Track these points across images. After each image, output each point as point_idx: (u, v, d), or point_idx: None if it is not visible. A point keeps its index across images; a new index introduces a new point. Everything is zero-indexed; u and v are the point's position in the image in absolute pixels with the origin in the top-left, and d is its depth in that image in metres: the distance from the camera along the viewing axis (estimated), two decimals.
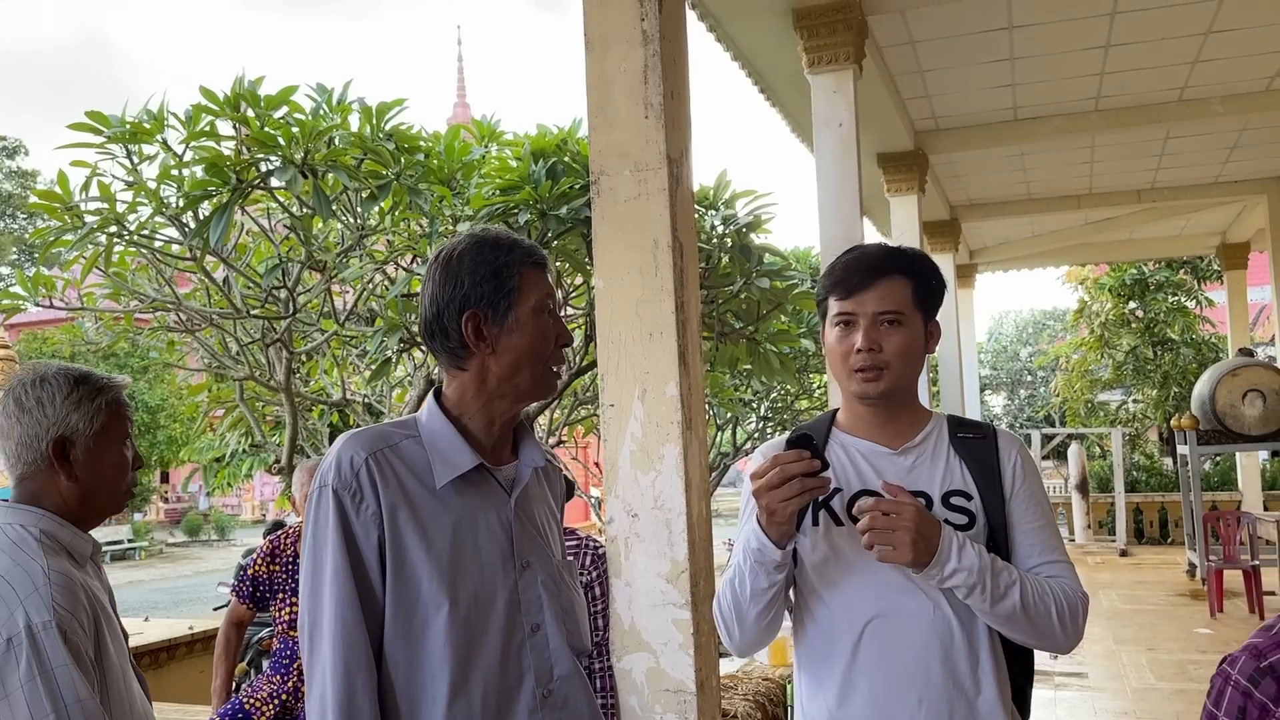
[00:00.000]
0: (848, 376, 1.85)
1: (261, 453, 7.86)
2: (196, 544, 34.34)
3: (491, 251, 1.69)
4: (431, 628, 1.60)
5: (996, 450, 1.88)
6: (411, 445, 1.67)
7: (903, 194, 8.17)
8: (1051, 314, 34.91)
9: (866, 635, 1.78)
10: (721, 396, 8.32)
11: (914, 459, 1.87)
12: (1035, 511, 1.86)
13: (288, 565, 3.67)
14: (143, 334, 6.43)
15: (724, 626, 1.88)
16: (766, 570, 1.75)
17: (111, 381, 1.91)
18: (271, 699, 3.53)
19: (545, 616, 1.71)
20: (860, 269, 1.85)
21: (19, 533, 1.76)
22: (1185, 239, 13.35)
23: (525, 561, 1.71)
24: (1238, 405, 9.82)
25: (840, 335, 1.85)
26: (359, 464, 1.61)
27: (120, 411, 1.90)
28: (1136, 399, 19.41)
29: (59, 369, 1.86)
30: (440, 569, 1.61)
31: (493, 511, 1.70)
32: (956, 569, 1.69)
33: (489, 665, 1.63)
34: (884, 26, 6.17)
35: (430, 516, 1.63)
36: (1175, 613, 9.17)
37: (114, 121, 4.43)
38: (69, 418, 1.81)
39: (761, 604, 1.79)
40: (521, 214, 4.73)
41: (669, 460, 2.96)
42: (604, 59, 3.05)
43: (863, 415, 1.91)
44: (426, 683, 1.59)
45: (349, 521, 1.59)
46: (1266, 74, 7.32)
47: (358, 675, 1.55)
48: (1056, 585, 1.79)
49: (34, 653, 1.59)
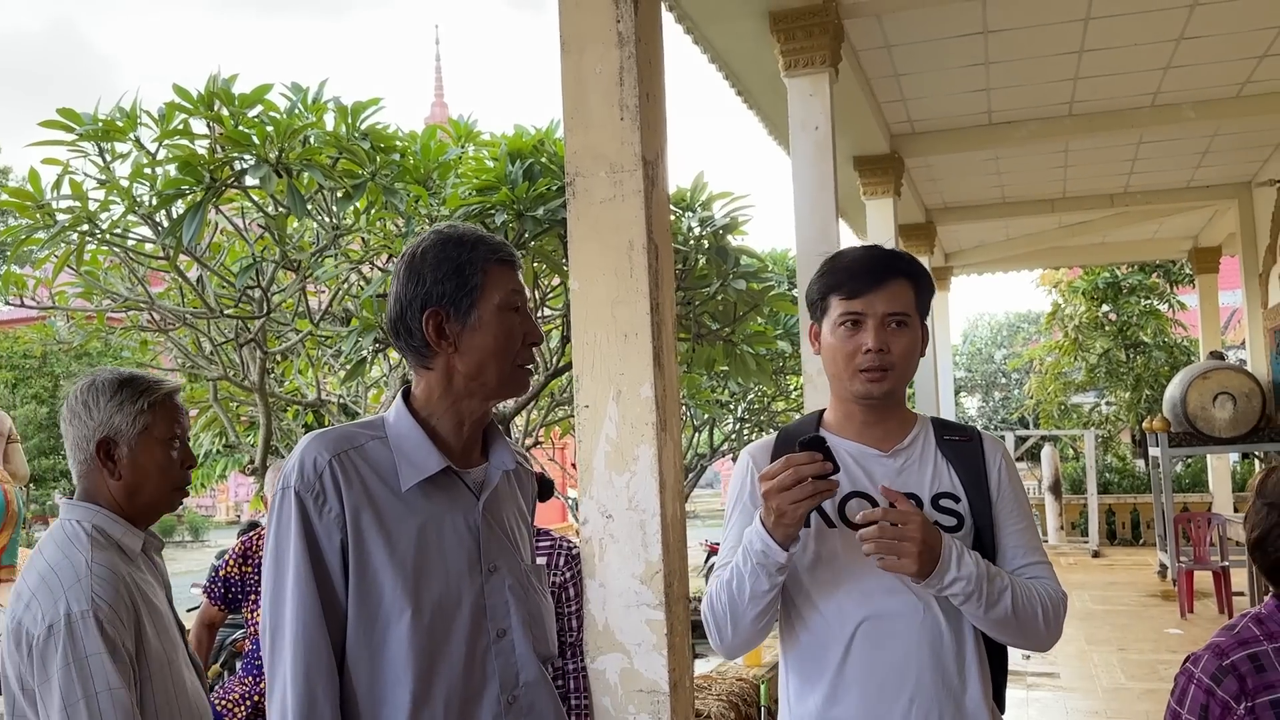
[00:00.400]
0: (851, 376, 1.86)
1: (236, 453, 7.81)
2: (170, 545, 34.05)
3: (455, 249, 1.67)
4: (394, 633, 1.58)
5: (982, 453, 1.91)
6: (377, 446, 1.66)
7: (878, 197, 8.20)
8: (1025, 317, 35.14)
9: (858, 637, 1.79)
10: (698, 398, 8.33)
11: (903, 461, 1.89)
12: (1019, 514, 1.90)
13: (260, 566, 3.65)
14: (115, 333, 6.37)
15: (716, 628, 1.87)
16: (768, 572, 1.74)
17: (158, 384, 2.00)
18: (244, 700, 3.51)
19: (512, 622, 1.69)
20: (869, 270, 1.86)
21: (73, 528, 1.89)
22: (1157, 243, 13.48)
23: (492, 566, 1.69)
24: (1209, 408, 9.93)
25: (847, 335, 1.86)
26: (322, 465, 1.60)
27: (166, 412, 1.99)
28: (1109, 401, 19.58)
29: (110, 374, 2.01)
30: (403, 573, 1.59)
31: (460, 514, 1.68)
32: (956, 578, 1.71)
33: (453, 671, 1.61)
34: (860, 30, 6.19)
35: (394, 519, 1.61)
36: (1146, 613, 9.26)
37: (86, 119, 4.39)
38: (112, 419, 1.94)
39: (760, 606, 1.79)
40: (498, 214, 4.73)
41: (643, 461, 2.96)
42: (579, 60, 3.06)
43: (854, 416, 1.92)
44: (389, 688, 1.57)
45: (311, 524, 1.58)
46: (1237, 80, 7.40)
47: (318, 679, 1.53)
48: (1040, 587, 1.83)
49: (70, 640, 1.69)
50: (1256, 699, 1.74)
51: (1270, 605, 1.85)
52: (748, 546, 1.76)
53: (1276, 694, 1.74)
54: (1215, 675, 1.79)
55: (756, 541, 1.74)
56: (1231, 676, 1.77)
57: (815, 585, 1.85)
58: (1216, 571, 8.95)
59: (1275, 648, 1.79)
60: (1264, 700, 1.74)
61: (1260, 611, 1.86)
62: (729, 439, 9.62)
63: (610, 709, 2.93)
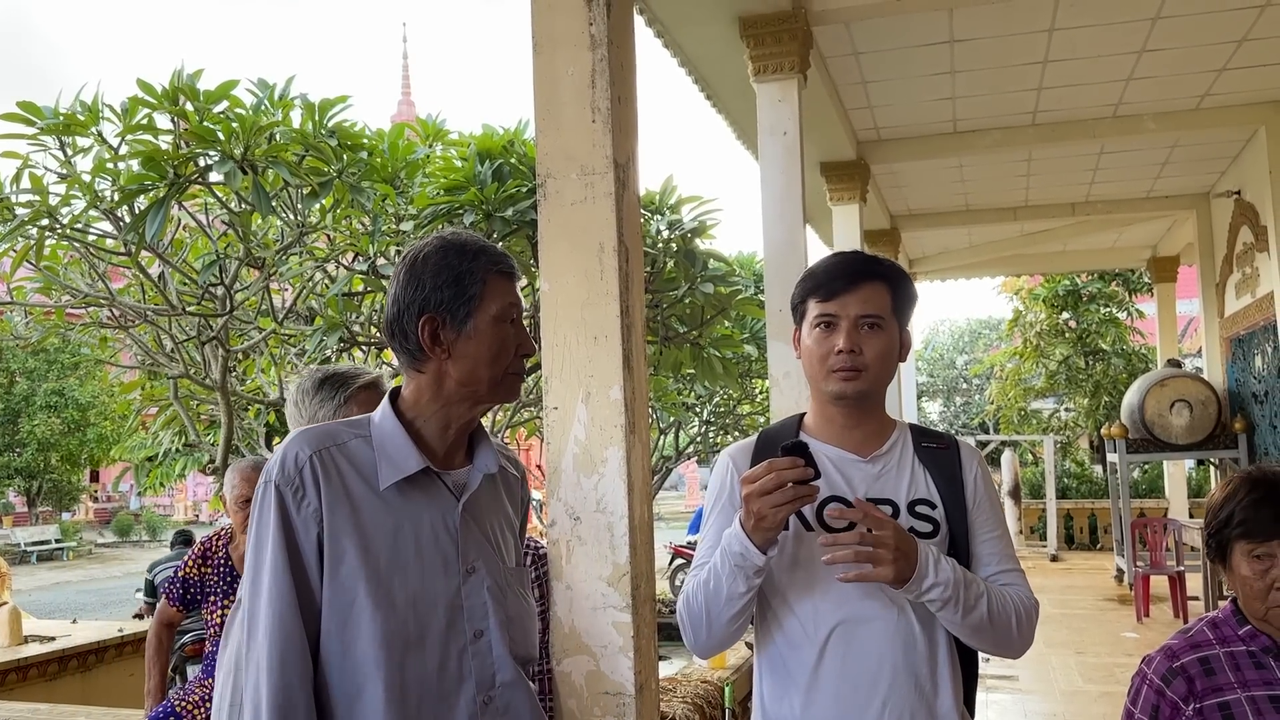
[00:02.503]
0: (825, 376, 1.87)
1: (195, 452, 7.72)
2: (127, 544, 33.57)
3: (456, 257, 1.69)
4: (364, 629, 1.59)
5: (959, 461, 1.93)
6: (360, 445, 1.68)
7: (845, 203, 8.26)
8: (987, 323, 35.51)
9: (832, 640, 1.80)
10: (665, 400, 8.34)
11: (881, 467, 1.90)
12: (994, 521, 1.92)
13: (219, 567, 3.61)
14: (74, 329, 6.29)
15: (691, 628, 1.87)
16: (746, 575, 1.75)
17: (355, 377, 2.20)
18: (204, 702, 3.47)
19: (490, 623, 1.70)
20: (844, 273, 1.88)
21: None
22: (1117, 252, 13.67)
23: (470, 567, 1.70)
24: (1165, 415, 10.09)
25: (821, 336, 1.87)
26: (303, 461, 1.62)
27: (362, 403, 2.15)
28: (1068, 407, 19.83)
29: (315, 371, 2.24)
30: (376, 571, 1.61)
31: (439, 515, 1.69)
32: (934, 583, 1.72)
33: (425, 668, 1.62)
34: (829, 37, 6.24)
35: (370, 517, 1.63)
36: (1104, 617, 9.39)
37: (47, 113, 4.33)
38: (316, 415, 2.18)
39: (736, 608, 1.79)
40: (467, 215, 4.71)
41: (612, 463, 2.96)
42: (552, 61, 3.05)
43: (833, 419, 1.92)
44: (362, 681, 1.59)
45: (289, 518, 1.60)
46: (1197, 93, 7.53)
47: (293, 668, 1.55)
48: (1013, 594, 1.85)
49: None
50: (1204, 701, 1.77)
51: (1226, 610, 1.88)
52: (726, 548, 1.76)
53: (1225, 697, 1.77)
54: (1165, 676, 1.83)
55: (735, 544, 1.74)
56: (1180, 678, 1.81)
57: (791, 588, 1.85)
58: (1172, 576, 9.09)
59: (1227, 652, 1.82)
60: (1211, 703, 1.77)
61: (1217, 615, 1.89)
62: (695, 442, 9.65)
63: (576, 711, 2.92)
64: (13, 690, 5.55)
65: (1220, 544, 1.83)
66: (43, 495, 32.24)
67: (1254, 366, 9.39)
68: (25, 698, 5.45)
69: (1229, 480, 1.88)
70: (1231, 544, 1.81)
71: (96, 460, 30.66)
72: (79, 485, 33.86)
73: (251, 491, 3.58)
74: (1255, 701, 1.75)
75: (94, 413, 28.09)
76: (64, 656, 5.94)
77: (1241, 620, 1.84)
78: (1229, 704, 1.76)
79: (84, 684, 6.02)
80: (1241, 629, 1.83)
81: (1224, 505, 1.83)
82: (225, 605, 3.54)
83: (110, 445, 21.66)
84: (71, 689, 5.90)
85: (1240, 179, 9.18)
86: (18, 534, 29.46)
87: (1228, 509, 1.82)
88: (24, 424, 28.12)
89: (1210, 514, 1.88)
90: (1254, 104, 7.83)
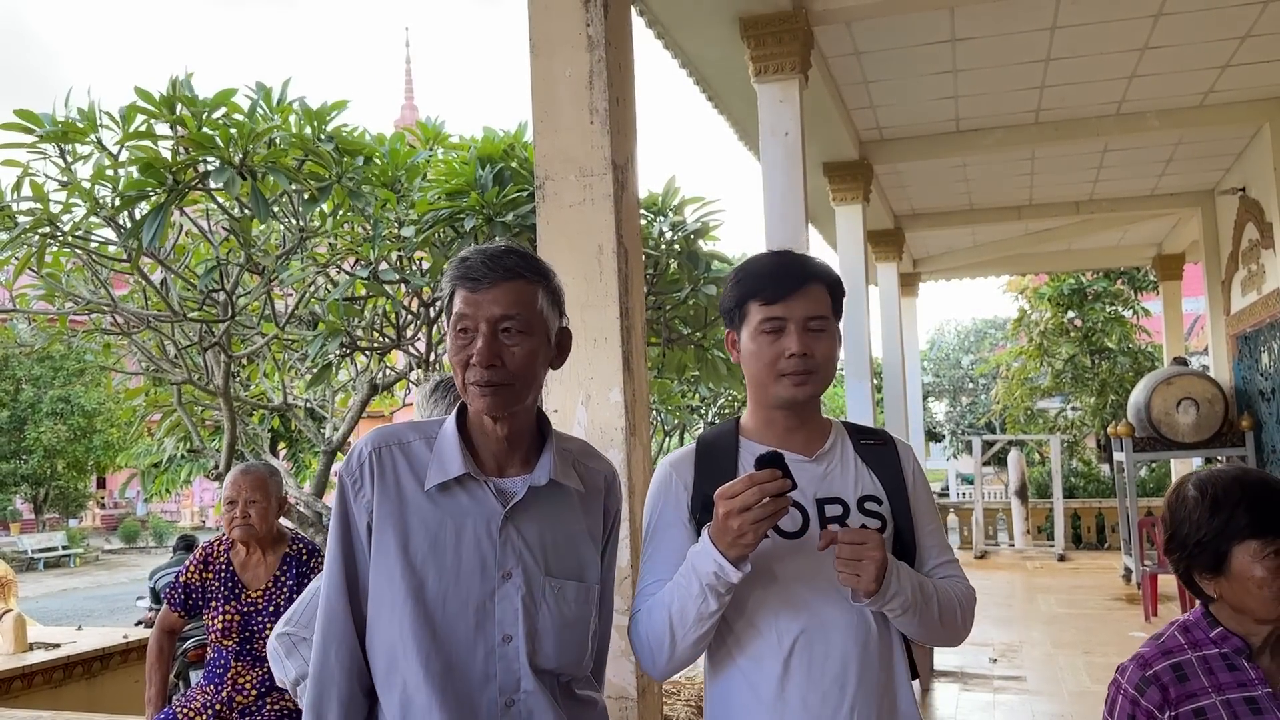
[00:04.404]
0: (774, 381, 1.83)
1: (200, 458, 7.73)
2: (133, 550, 33.66)
3: (450, 269, 1.77)
4: (400, 616, 1.68)
5: (898, 457, 1.93)
6: (421, 446, 1.78)
7: (848, 203, 8.24)
8: (992, 323, 35.48)
9: (796, 650, 1.76)
10: (669, 403, 8.34)
11: (826, 466, 1.88)
12: (931, 515, 1.94)
13: (220, 573, 3.60)
14: (78, 336, 6.30)
15: (650, 651, 1.80)
16: (717, 594, 1.69)
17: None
18: (205, 709, 3.45)
19: (518, 630, 1.72)
20: (790, 275, 1.84)
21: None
22: (1122, 250, 13.64)
23: (506, 572, 1.72)
24: (1172, 413, 10.05)
25: (769, 341, 1.83)
26: (364, 456, 1.75)
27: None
28: (1075, 406, 19.80)
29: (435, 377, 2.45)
30: (411, 564, 1.69)
31: (483, 520, 1.73)
32: (898, 592, 1.71)
33: (452, 662, 1.69)
34: (829, 37, 6.23)
35: (415, 514, 1.72)
36: (1111, 617, 9.34)
37: (46, 120, 4.33)
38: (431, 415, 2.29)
39: (704, 628, 1.73)
40: (468, 219, 4.70)
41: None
42: (549, 63, 3.04)
43: (775, 422, 1.89)
44: (396, 664, 1.69)
45: (348, 506, 1.74)
46: (1200, 90, 7.51)
47: (331, 645, 1.72)
48: (954, 587, 1.86)
49: None
50: (1179, 708, 1.75)
51: (1197, 613, 1.85)
52: (695, 568, 1.70)
53: (1200, 703, 1.74)
54: (1139, 685, 1.80)
55: (707, 563, 1.68)
56: (1154, 687, 1.78)
57: (750, 601, 1.80)
58: None
59: (1200, 656, 1.79)
60: (1187, 709, 1.74)
61: (1188, 619, 1.86)
62: None
63: None
64: (18, 698, 5.55)
65: (1215, 552, 1.78)
66: (49, 502, 32.34)
67: (1261, 364, 9.35)
68: (30, 705, 5.46)
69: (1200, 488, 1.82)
70: (1232, 549, 1.76)
71: (103, 467, 30.73)
72: (85, 492, 33.95)
73: (235, 493, 3.62)
74: (1231, 705, 1.72)
75: (100, 419, 28.15)
76: (69, 664, 5.94)
77: (1213, 623, 1.81)
78: (1204, 709, 1.73)
79: (89, 691, 6.02)
80: (1213, 631, 1.80)
81: (1217, 512, 1.78)
82: (226, 610, 3.53)
83: (116, 452, 21.68)
84: (76, 696, 5.90)
85: (1245, 176, 9.15)
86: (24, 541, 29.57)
87: (1223, 514, 1.77)
88: (30, 431, 28.20)
89: (1193, 525, 1.81)
90: (1258, 100, 7.80)
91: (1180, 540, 1.83)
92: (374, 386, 6.10)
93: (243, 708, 3.47)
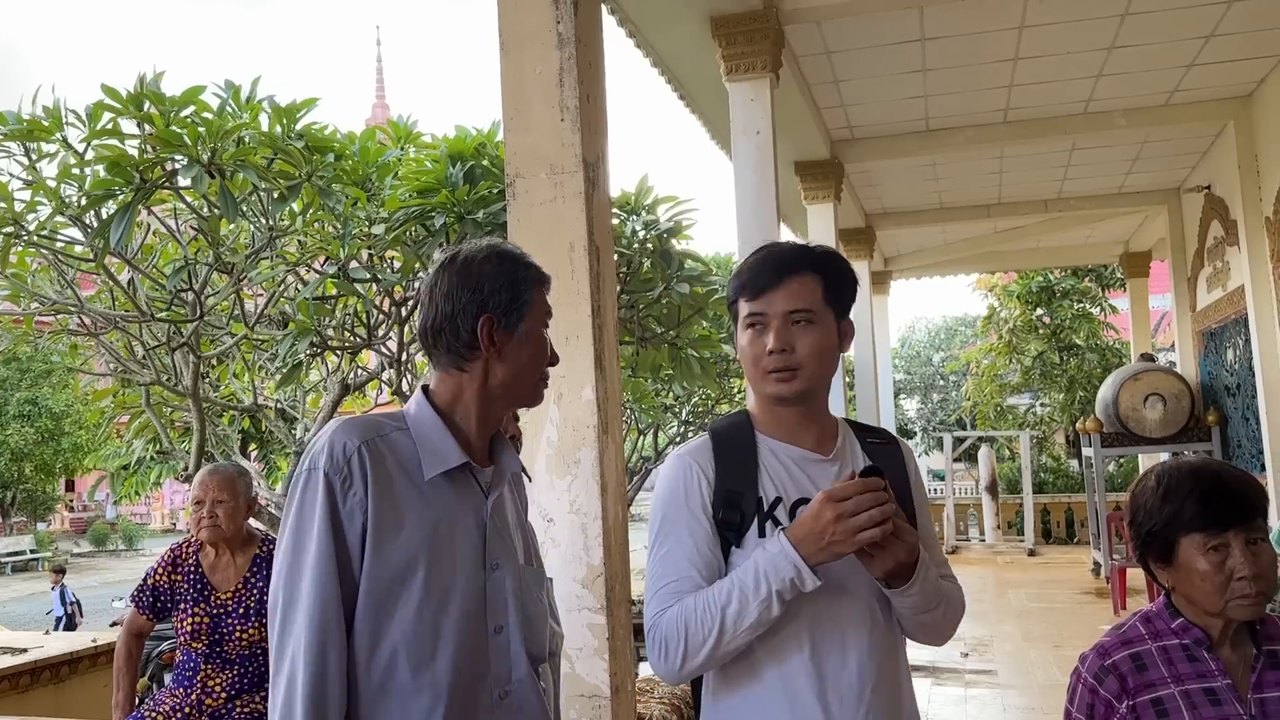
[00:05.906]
0: (761, 379, 1.79)
1: (170, 459, 7.66)
2: (103, 554, 33.30)
3: (511, 264, 1.79)
4: (398, 618, 1.64)
5: (902, 456, 1.91)
6: (401, 437, 1.73)
7: (819, 202, 8.27)
8: (962, 320, 35.68)
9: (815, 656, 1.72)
10: (643, 402, 8.33)
11: (840, 465, 1.82)
12: (927, 516, 1.92)
13: (189, 575, 3.56)
14: (44, 337, 6.22)
15: (680, 653, 1.69)
16: (783, 600, 1.63)
17: None
18: (174, 713, 3.42)
19: (510, 620, 1.75)
20: (768, 268, 1.80)
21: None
22: (1090, 248, 13.77)
23: (495, 564, 1.75)
24: (1140, 409, 10.16)
25: (752, 337, 1.79)
26: (351, 451, 1.66)
27: None
28: (1044, 403, 19.97)
29: None
30: (413, 562, 1.66)
31: (470, 511, 1.74)
32: (924, 577, 1.70)
33: (450, 660, 1.67)
34: (800, 36, 6.24)
35: (411, 509, 1.68)
36: (1081, 610, 9.44)
37: (10, 118, 4.27)
38: None
39: (756, 634, 1.67)
40: (438, 217, 4.68)
41: (585, 465, 2.95)
42: (519, 60, 3.04)
43: (783, 418, 1.83)
44: (392, 669, 1.64)
45: (336, 506, 1.64)
46: (1166, 89, 7.59)
47: (330, 653, 1.59)
48: (954, 591, 1.85)
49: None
50: (1137, 698, 1.76)
51: (1160, 603, 1.87)
52: (766, 571, 1.63)
53: (1158, 693, 1.75)
54: (1098, 675, 1.82)
55: (786, 567, 1.61)
56: (1113, 676, 1.80)
57: None
58: None
59: (1159, 646, 1.81)
60: (1145, 699, 1.76)
61: (1149, 610, 1.87)
62: (673, 442, 9.66)
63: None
64: None
65: (1165, 541, 1.80)
66: (17, 505, 31.93)
67: (1226, 359, 9.47)
68: None
69: (1159, 477, 1.83)
70: (1179, 540, 1.77)
71: (71, 469, 30.40)
72: (54, 495, 33.56)
73: (202, 494, 3.55)
74: (1189, 695, 1.74)
75: (68, 421, 27.83)
76: (36, 668, 5.85)
77: (1174, 614, 1.82)
78: (1162, 699, 1.74)
79: (57, 696, 5.94)
80: (1174, 622, 1.81)
81: (1167, 501, 1.79)
82: (195, 613, 3.49)
83: (85, 454, 21.46)
84: (44, 701, 5.82)
85: (1210, 174, 9.26)
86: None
87: (1172, 504, 1.78)
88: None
89: (1146, 513, 1.82)
90: (1223, 99, 7.89)
91: (1136, 527, 1.86)
92: (345, 386, 6.07)
93: (212, 710, 3.44)
